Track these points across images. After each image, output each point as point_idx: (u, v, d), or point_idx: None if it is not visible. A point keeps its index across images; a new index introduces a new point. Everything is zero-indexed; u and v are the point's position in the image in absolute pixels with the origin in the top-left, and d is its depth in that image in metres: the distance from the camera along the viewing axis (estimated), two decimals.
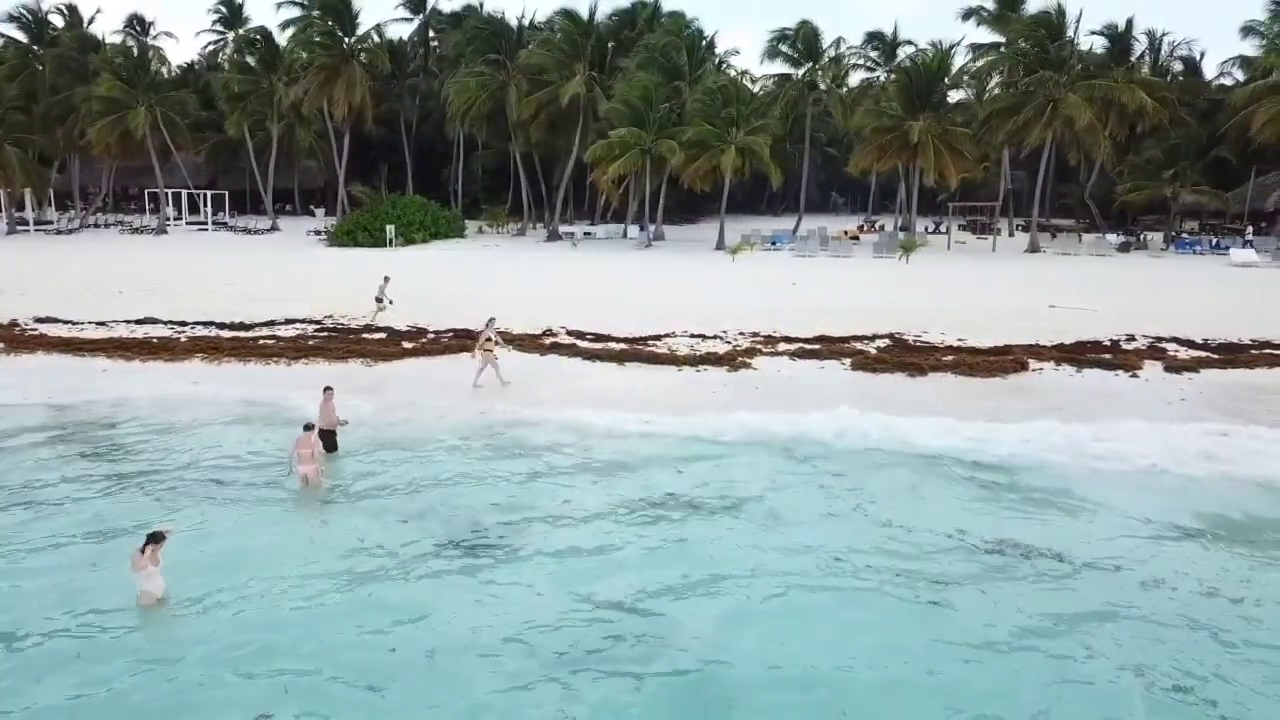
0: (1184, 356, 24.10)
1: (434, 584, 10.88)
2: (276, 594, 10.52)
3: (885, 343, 25.67)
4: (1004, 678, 8.98)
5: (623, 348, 24.90)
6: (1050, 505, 13.70)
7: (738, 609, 10.30)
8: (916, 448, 16.23)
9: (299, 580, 10.85)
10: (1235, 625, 9.87)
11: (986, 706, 8.44)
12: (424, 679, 8.82)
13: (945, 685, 8.79)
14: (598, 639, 9.52)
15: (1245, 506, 13.58)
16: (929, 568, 11.42)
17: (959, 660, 9.25)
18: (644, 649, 9.33)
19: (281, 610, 10.13)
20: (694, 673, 8.86)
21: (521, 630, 9.65)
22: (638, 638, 9.53)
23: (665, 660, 9.08)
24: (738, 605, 10.39)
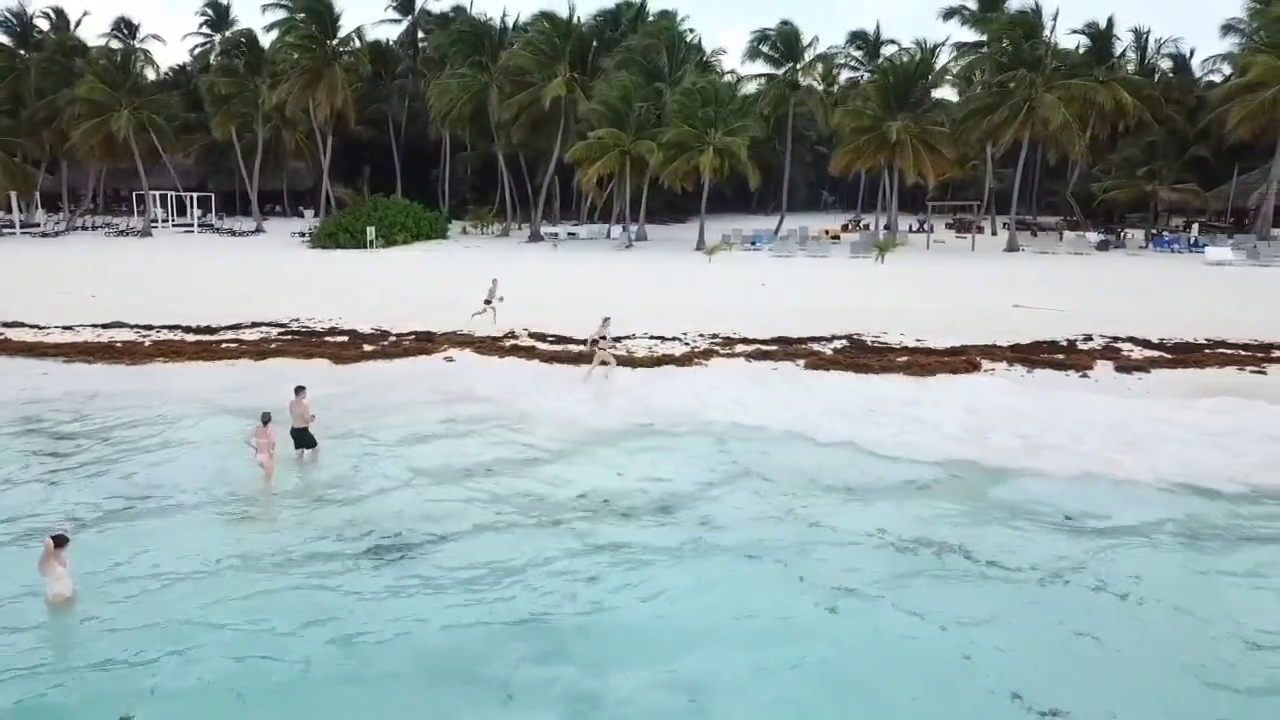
0: (1137, 356, 24.22)
1: (344, 590, 10.98)
2: (186, 596, 10.66)
3: (843, 344, 25.80)
4: (874, 671, 9.16)
5: (582, 350, 25.08)
6: (972, 505, 13.84)
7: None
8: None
9: (216, 584, 10.99)
10: (1113, 626, 10.01)
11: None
12: (298, 689, 8.92)
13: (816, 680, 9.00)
14: (496, 652, 9.65)
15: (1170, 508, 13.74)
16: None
17: (835, 650, 9.50)
18: (546, 660, 9.47)
19: (185, 611, 10.26)
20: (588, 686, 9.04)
21: (416, 641, 9.76)
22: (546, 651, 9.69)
23: (560, 673, 9.23)
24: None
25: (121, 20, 72.59)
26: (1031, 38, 47.01)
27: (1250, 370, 22.86)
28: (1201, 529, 12.81)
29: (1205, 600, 10.61)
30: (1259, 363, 23.45)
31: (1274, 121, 46.55)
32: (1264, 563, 11.67)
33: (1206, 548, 12.28)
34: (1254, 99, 46.46)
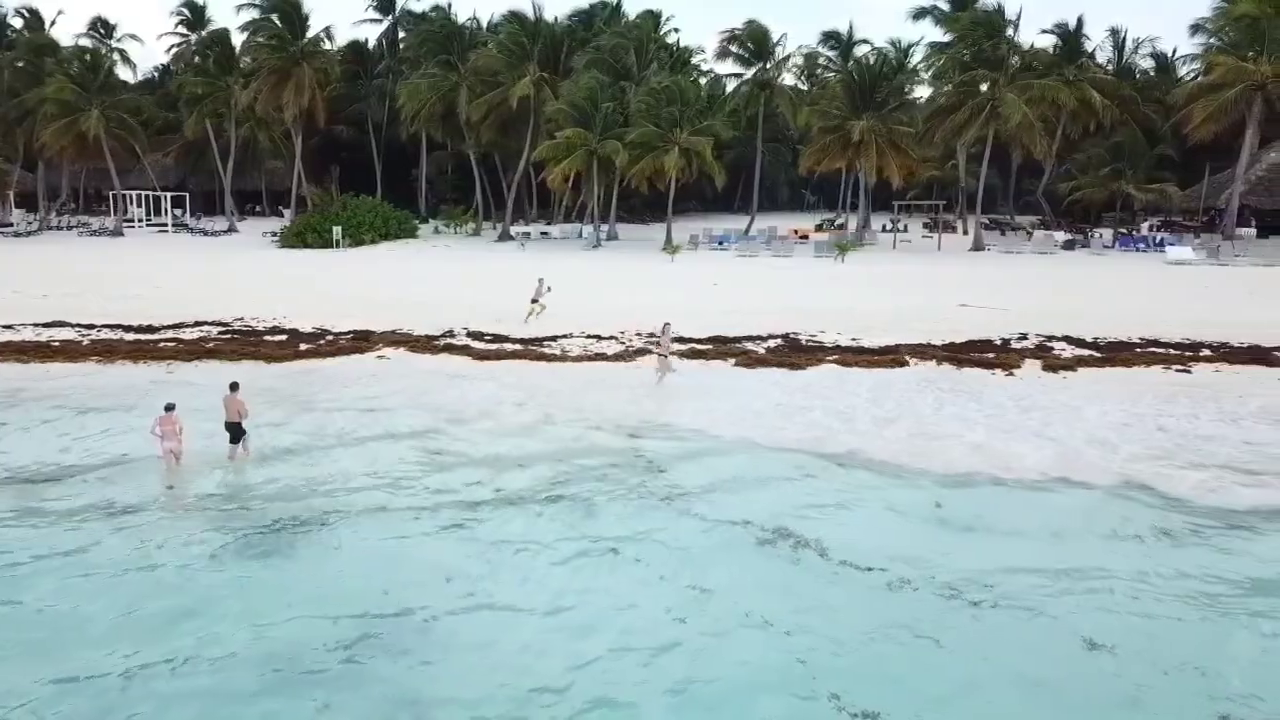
0: (1067, 356, 24.34)
1: (208, 586, 11.06)
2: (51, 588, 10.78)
3: (778, 343, 25.90)
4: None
5: (516, 348, 25.17)
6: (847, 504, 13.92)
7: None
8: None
9: (88, 577, 11.10)
10: (953, 629, 10.06)
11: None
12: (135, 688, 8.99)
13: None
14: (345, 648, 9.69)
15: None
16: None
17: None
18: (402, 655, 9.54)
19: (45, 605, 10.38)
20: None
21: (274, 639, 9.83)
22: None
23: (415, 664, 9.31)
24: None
25: (98, 20, 72.60)
26: (993, 37, 47.04)
27: (1176, 369, 23.01)
28: (1067, 526, 12.90)
29: (1052, 602, 10.64)
30: (1186, 362, 23.59)
31: (1238, 122, 46.67)
32: (1109, 564, 11.69)
33: (1067, 545, 12.36)
34: (1216, 99, 46.58)
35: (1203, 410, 18.78)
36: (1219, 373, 22.63)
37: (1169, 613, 10.35)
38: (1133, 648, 9.51)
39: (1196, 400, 19.60)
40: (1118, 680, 9.02)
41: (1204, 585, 11.03)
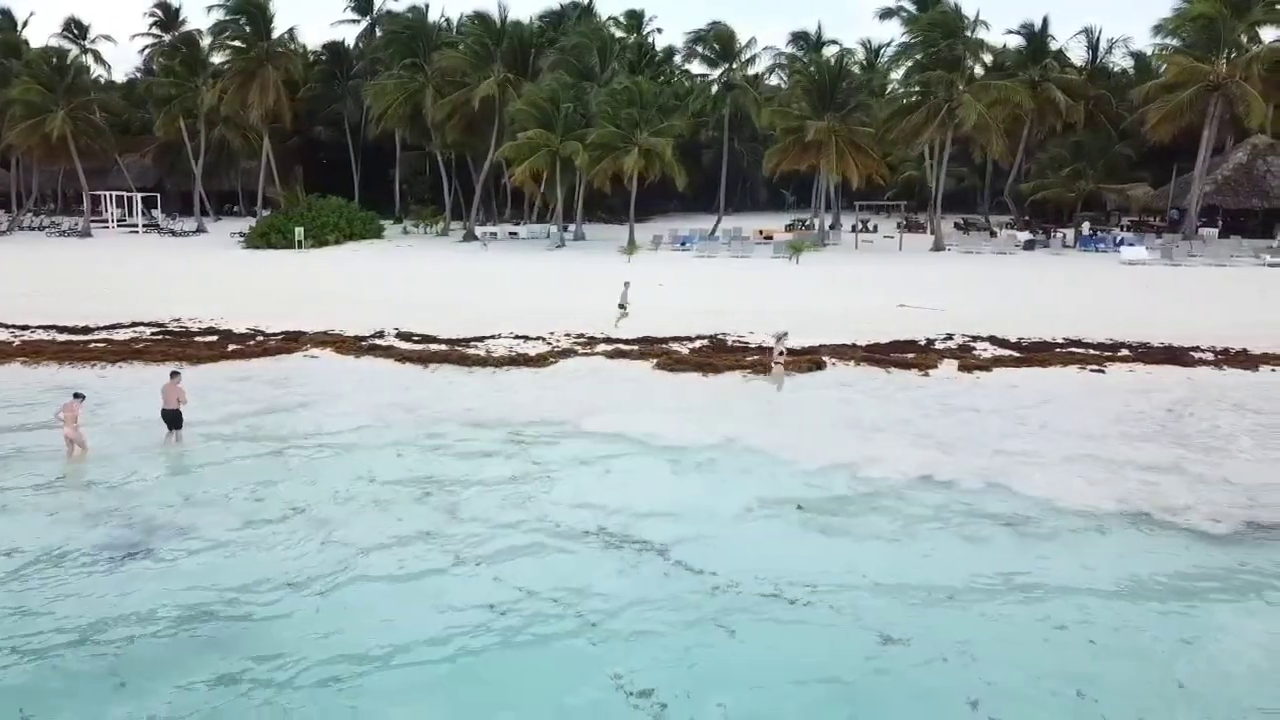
0: (986, 356, 24.50)
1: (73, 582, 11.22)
2: None
3: (704, 343, 26.04)
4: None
5: (442, 349, 25.29)
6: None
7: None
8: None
9: None
10: (751, 621, 10.21)
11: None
12: None
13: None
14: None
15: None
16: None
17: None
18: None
19: None
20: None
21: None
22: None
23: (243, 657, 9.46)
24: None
25: (71, 21, 72.77)
26: (951, 37, 47.15)
27: (1091, 369, 23.17)
28: (919, 527, 13.03)
29: (866, 599, 10.78)
30: (1102, 362, 23.75)
31: (1194, 122, 46.84)
32: (944, 565, 11.83)
33: (910, 545, 12.50)
34: (1172, 99, 46.73)
35: (1098, 411, 18.95)
36: (1132, 372, 22.82)
37: (979, 611, 10.48)
38: (925, 642, 9.66)
39: (1097, 401, 19.77)
40: (906, 673, 9.17)
41: (1022, 583, 11.18)
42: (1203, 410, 19.13)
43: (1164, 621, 10.28)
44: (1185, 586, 11.20)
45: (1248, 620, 10.40)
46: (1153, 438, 17.18)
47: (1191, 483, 14.81)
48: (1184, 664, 9.40)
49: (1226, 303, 32.52)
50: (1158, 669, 9.29)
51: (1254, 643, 9.84)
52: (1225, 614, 10.58)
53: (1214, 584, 11.30)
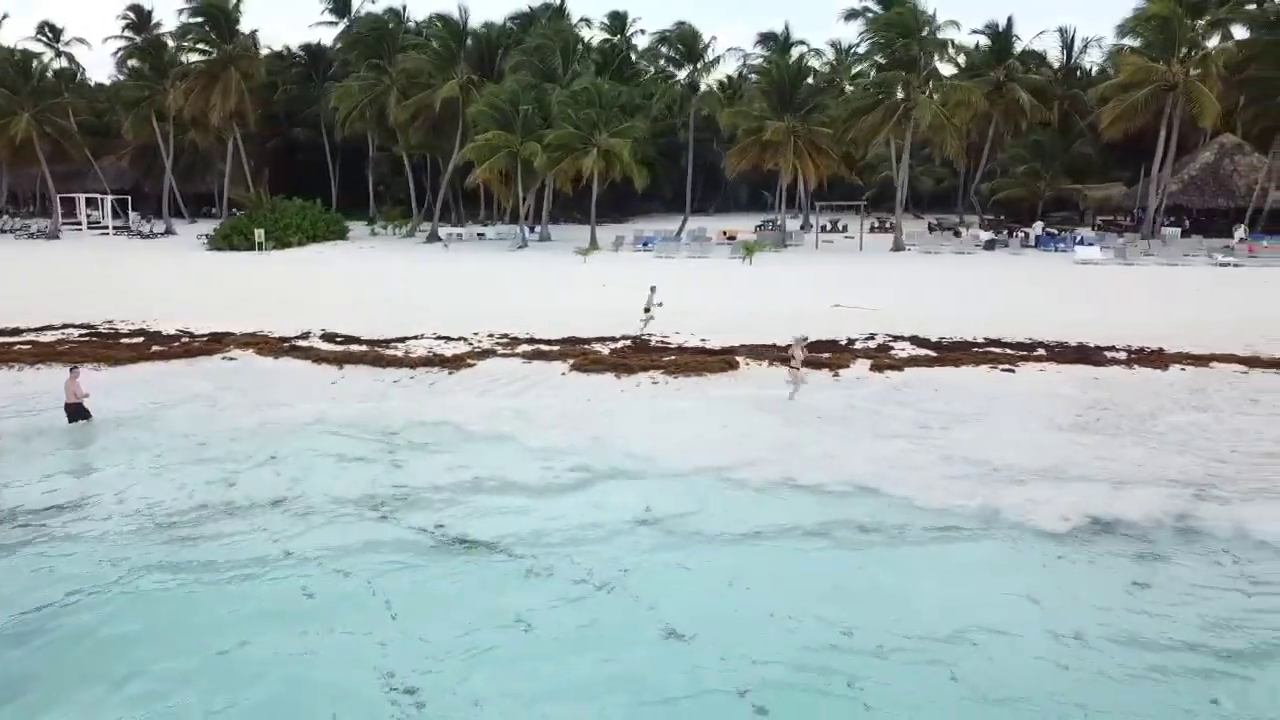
0: (902, 355, 24.54)
1: None
2: None
3: (626, 344, 26.09)
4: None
5: (362, 350, 25.36)
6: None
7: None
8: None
9: None
10: (550, 617, 10.26)
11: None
12: None
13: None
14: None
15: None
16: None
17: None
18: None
19: None
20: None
21: None
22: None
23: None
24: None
25: (45, 24, 73.07)
26: (907, 37, 47.19)
27: (1002, 369, 23.20)
28: (767, 528, 13.07)
29: (669, 595, 10.85)
30: (1014, 361, 23.78)
31: (1150, 122, 46.90)
32: (778, 564, 11.91)
33: (752, 548, 12.56)
34: (1127, 99, 46.79)
35: (986, 412, 19.01)
36: (1043, 372, 22.85)
37: (774, 608, 10.55)
38: (711, 637, 9.73)
39: (992, 402, 19.80)
40: (688, 666, 9.27)
41: (831, 585, 11.25)
42: (1097, 409, 19.18)
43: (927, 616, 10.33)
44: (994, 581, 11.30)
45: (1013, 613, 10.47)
46: (1034, 437, 17.24)
47: (1056, 481, 14.90)
48: (960, 659, 9.47)
49: (1164, 302, 32.57)
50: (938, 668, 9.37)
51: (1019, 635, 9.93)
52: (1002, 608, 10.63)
53: (1020, 575, 11.41)
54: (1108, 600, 10.90)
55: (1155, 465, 15.86)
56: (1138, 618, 10.47)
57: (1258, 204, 56.46)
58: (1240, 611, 10.65)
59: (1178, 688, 9.04)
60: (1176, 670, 9.34)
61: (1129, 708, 8.72)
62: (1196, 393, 20.41)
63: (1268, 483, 14.80)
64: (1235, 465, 15.67)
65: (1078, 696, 8.81)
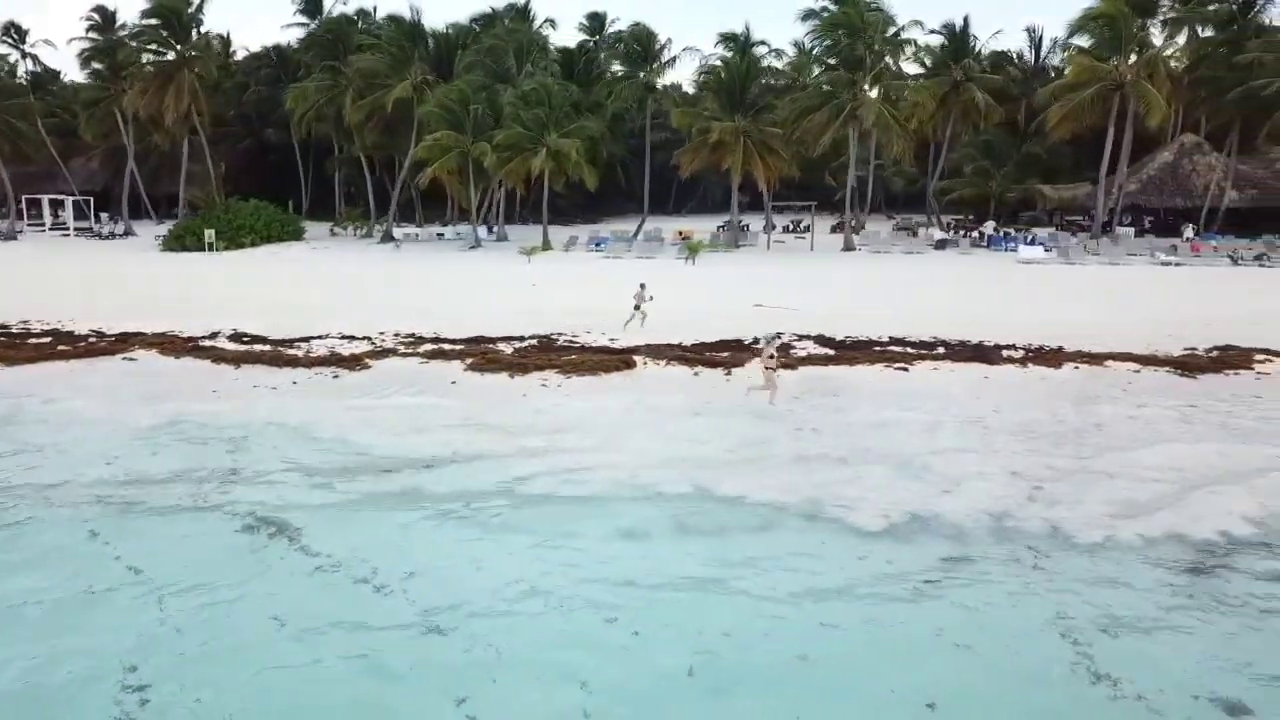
0: (801, 354, 24.51)
1: None
2: None
3: (534, 343, 26.05)
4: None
5: (266, 349, 25.32)
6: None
7: None
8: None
9: None
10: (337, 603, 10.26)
11: None
12: None
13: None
14: None
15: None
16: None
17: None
18: None
19: None
20: None
21: None
22: None
23: None
24: None
25: (10, 25, 72.98)
26: (854, 37, 47.21)
27: (896, 367, 23.16)
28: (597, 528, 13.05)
29: (430, 589, 10.89)
30: (912, 360, 23.74)
31: (1101, 122, 46.94)
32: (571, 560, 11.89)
33: (562, 545, 12.53)
34: (1074, 99, 46.82)
35: (860, 408, 18.98)
36: (936, 370, 22.82)
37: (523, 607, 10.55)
38: (472, 631, 9.74)
39: (873, 399, 19.75)
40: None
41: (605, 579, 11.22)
42: (969, 407, 19.15)
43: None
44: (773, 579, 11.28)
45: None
46: (891, 434, 17.22)
47: (895, 478, 14.87)
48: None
49: (1090, 302, 32.59)
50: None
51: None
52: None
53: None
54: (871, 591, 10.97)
55: (1005, 463, 15.83)
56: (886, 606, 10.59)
57: (1213, 203, 56.61)
58: (1006, 603, 10.72)
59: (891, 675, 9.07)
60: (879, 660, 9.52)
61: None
62: (1078, 391, 20.37)
63: (1101, 483, 14.73)
64: (1084, 465, 15.61)
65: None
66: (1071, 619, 10.41)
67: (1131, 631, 10.14)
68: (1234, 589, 11.25)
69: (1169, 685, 8.98)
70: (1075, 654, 9.68)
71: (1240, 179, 58.99)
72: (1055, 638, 9.97)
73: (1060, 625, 10.22)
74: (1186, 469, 15.34)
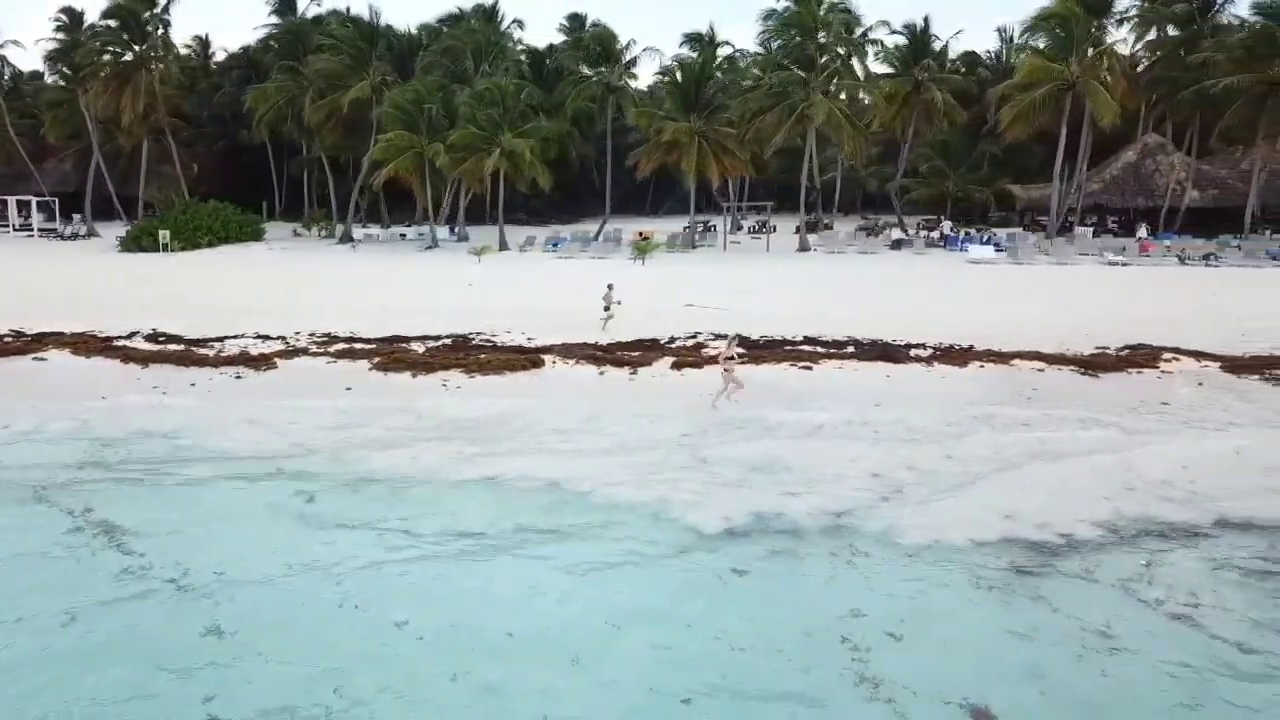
0: (711, 354, 24.43)
1: None
2: None
3: (448, 342, 25.99)
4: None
5: (178, 348, 25.25)
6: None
7: None
8: None
9: None
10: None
11: None
12: None
13: None
14: None
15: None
16: None
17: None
18: None
19: None
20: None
21: None
22: None
23: None
24: None
25: None
26: (805, 37, 47.17)
27: (800, 366, 23.09)
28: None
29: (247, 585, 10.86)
30: (819, 359, 23.67)
31: (1050, 122, 46.96)
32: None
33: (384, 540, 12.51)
34: (1025, 99, 46.83)
35: (738, 410, 18.98)
36: (840, 370, 22.76)
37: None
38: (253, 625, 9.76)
39: (752, 402, 19.66)
40: None
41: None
42: (858, 407, 19.12)
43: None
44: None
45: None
46: (773, 436, 17.24)
47: (751, 478, 14.87)
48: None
49: (1023, 301, 32.52)
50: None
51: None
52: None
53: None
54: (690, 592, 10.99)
55: (873, 464, 15.75)
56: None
57: (1173, 203, 56.61)
58: (796, 603, 10.75)
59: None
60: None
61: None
62: (971, 392, 20.35)
63: (961, 486, 14.65)
64: (950, 468, 15.53)
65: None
66: (864, 616, 10.40)
67: (915, 633, 10.10)
68: (1041, 591, 11.21)
69: (926, 689, 8.91)
70: (850, 654, 9.63)
71: (1202, 179, 59.04)
72: (834, 640, 9.92)
73: (844, 625, 10.18)
74: (1058, 471, 15.25)
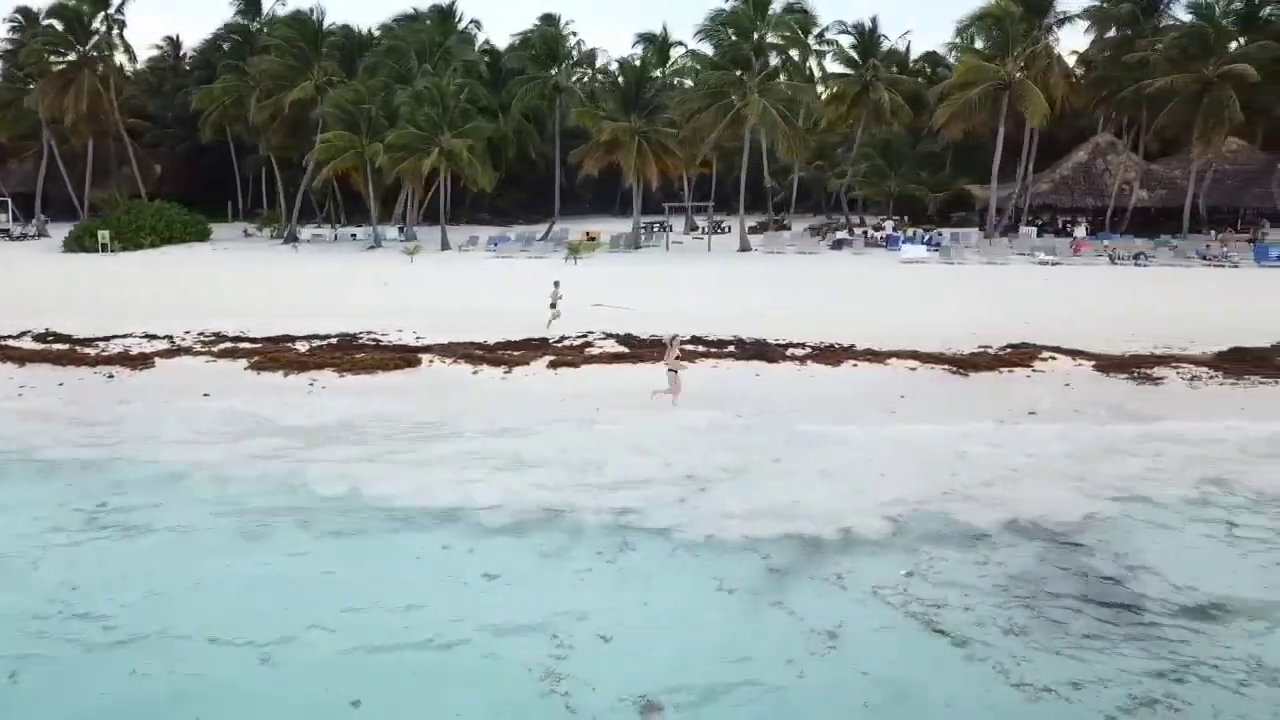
0: (595, 353, 24.39)
1: None
2: None
3: (333, 341, 25.90)
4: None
5: (61, 348, 25.17)
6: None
7: None
8: None
9: None
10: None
11: None
12: None
13: None
14: None
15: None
16: None
17: None
18: None
19: None
20: None
21: None
22: None
23: None
24: None
25: None
26: (741, 37, 47.12)
27: (710, 365, 23.04)
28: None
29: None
30: (696, 358, 23.57)
31: (986, 122, 46.96)
32: None
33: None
34: (960, 98, 46.83)
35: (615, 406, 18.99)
36: (715, 369, 22.73)
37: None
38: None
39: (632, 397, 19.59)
40: None
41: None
42: (713, 408, 19.07)
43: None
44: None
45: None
46: (603, 436, 17.27)
47: (551, 478, 14.80)
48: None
49: (940, 301, 32.43)
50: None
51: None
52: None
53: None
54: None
55: (692, 465, 15.65)
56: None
57: (1121, 203, 56.62)
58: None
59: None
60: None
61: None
62: (826, 391, 20.34)
63: (767, 485, 14.59)
64: (768, 467, 15.47)
65: None
66: (587, 619, 10.32)
67: (630, 634, 10.02)
68: (786, 588, 11.16)
69: (613, 688, 8.83)
70: (554, 649, 9.58)
71: (1151, 179, 59.09)
72: (544, 636, 9.85)
73: (560, 624, 10.09)
74: (878, 468, 15.27)
